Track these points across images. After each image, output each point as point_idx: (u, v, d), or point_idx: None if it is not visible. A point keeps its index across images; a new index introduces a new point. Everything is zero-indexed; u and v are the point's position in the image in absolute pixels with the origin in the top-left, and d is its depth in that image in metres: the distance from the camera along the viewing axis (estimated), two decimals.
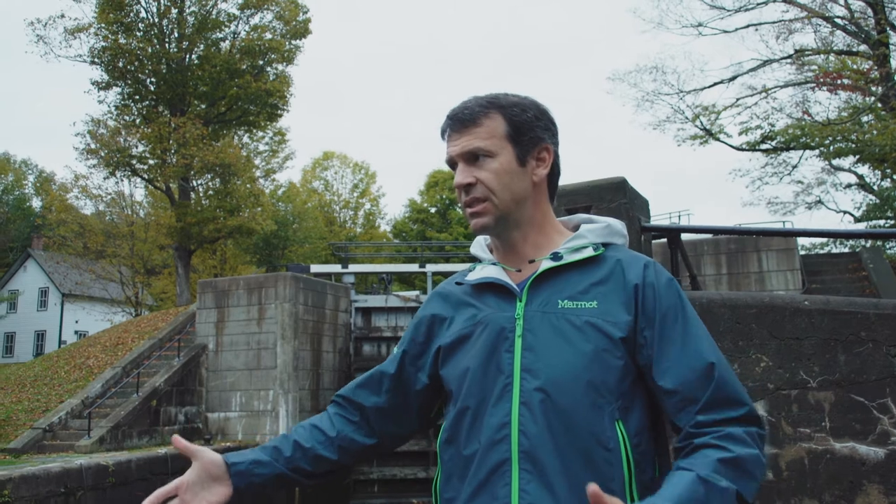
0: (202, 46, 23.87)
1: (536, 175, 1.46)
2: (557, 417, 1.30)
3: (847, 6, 17.57)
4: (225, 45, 24.45)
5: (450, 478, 1.39)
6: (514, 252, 1.48)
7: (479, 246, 1.57)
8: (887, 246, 25.79)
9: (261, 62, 24.63)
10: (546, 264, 1.42)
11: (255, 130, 27.88)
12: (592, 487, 1.10)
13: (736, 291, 9.54)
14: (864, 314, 3.35)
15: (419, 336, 1.55)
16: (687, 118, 19.41)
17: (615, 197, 3.77)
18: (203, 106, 24.67)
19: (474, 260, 1.58)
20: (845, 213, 30.47)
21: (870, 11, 16.76)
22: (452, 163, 1.47)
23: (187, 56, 23.82)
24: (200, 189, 26.35)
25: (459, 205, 1.51)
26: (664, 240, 4.57)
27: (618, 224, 1.52)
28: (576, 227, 1.53)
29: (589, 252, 1.43)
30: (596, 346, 1.33)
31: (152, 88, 23.70)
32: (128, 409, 14.37)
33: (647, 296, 1.38)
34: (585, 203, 3.85)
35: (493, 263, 1.49)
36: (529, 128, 1.44)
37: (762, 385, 3.46)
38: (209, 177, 24.88)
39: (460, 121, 1.45)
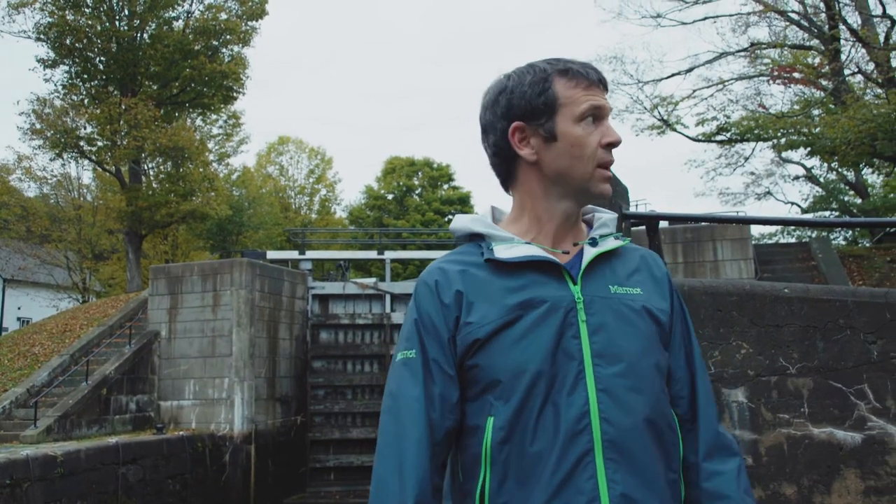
0: (154, 25, 23.13)
1: None
2: (638, 402, 1.28)
3: (801, 1, 17.97)
4: (178, 24, 23.75)
5: (505, 480, 1.27)
6: (567, 231, 1.42)
7: (484, 223, 1.43)
8: (832, 236, 26.63)
9: (215, 43, 24.00)
10: (594, 249, 1.39)
11: (208, 113, 27.21)
12: None
13: (716, 279, 9.70)
14: (843, 302, 3.40)
15: (447, 327, 1.34)
16: (645, 108, 19.66)
17: None
18: (155, 87, 23.94)
19: (431, 248, 1.49)
20: (793, 204, 31.36)
21: (822, 6, 17.16)
22: (594, 114, 1.37)
23: (138, 35, 23.06)
24: (152, 172, 25.65)
25: (590, 163, 1.37)
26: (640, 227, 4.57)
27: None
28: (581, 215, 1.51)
29: (620, 242, 1.43)
30: (653, 330, 1.35)
31: (101, 67, 22.89)
32: (76, 397, 13.94)
33: (673, 291, 1.46)
34: None
35: (527, 243, 1.39)
36: None
37: (742, 372, 3.50)
38: (161, 160, 24.22)
39: (603, 81, 1.42)
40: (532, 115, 1.37)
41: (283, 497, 16.56)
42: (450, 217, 39.28)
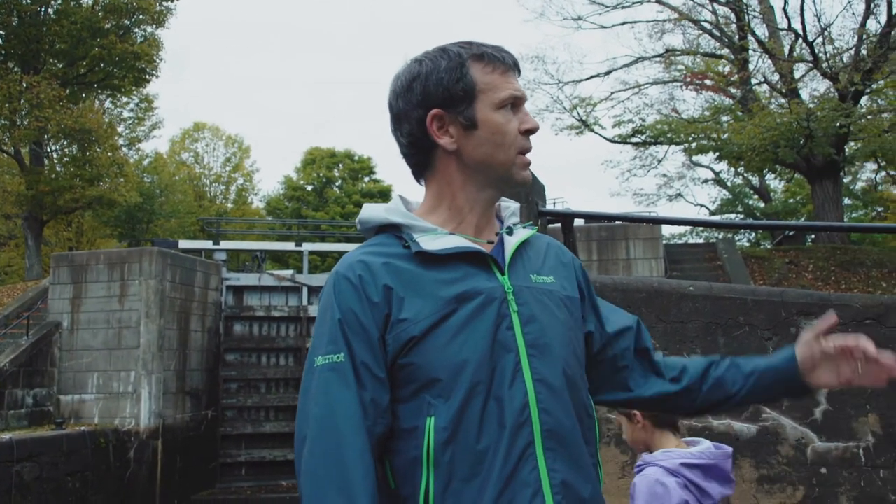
0: (60, 0, 21.97)
1: None
2: (567, 391, 1.29)
3: (713, 11, 18.72)
4: (87, 0, 22.63)
5: (450, 481, 1.20)
6: (488, 221, 1.41)
7: (402, 213, 1.37)
8: (737, 238, 27.93)
9: (127, 22, 22.97)
10: (514, 239, 1.38)
11: (119, 95, 26.06)
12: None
13: (627, 276, 10.02)
14: (742, 300, 3.56)
15: (376, 326, 1.25)
16: (565, 108, 20.05)
17: None
18: (60, 65, 22.72)
19: (350, 240, 1.43)
20: (701, 206, 32.70)
21: (733, 17, 17.93)
22: (516, 101, 1.36)
23: (42, 9, 21.82)
24: (56, 155, 24.39)
25: (510, 149, 1.36)
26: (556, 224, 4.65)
27: None
28: None
29: (530, 231, 1.43)
30: (571, 318, 1.37)
31: (1, 42, 21.58)
32: None
33: (580, 274, 1.49)
34: None
35: (451, 234, 1.34)
36: None
37: None
38: (66, 142, 23.04)
39: (517, 64, 1.39)
40: (450, 102, 1.33)
41: (191, 493, 16.09)
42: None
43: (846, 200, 26.87)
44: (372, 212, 1.40)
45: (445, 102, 1.34)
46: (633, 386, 1.48)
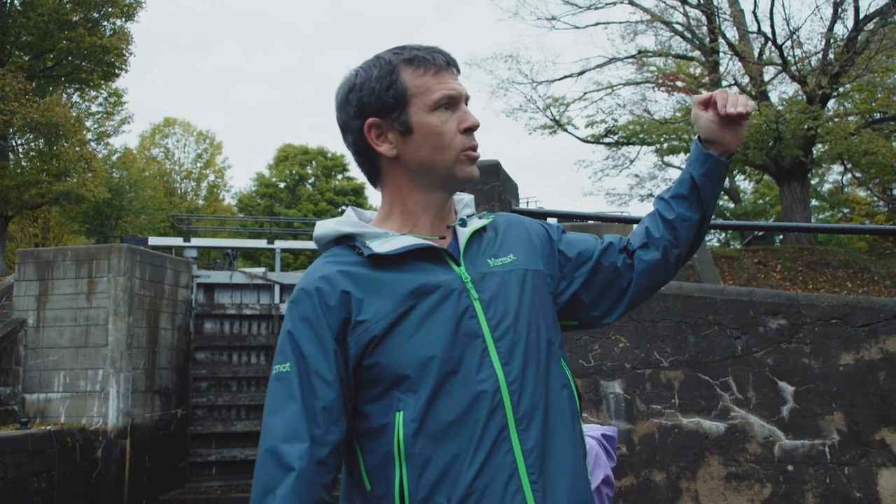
0: None
1: None
2: (534, 371, 1.29)
3: (685, 14, 18.91)
4: None
5: (423, 473, 1.21)
6: (442, 220, 1.42)
7: (353, 223, 1.40)
8: (707, 238, 28.29)
9: (96, 15, 22.58)
10: (466, 229, 1.41)
11: (87, 89, 25.61)
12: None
13: None
14: (712, 299, 3.60)
15: (331, 330, 1.27)
16: (538, 108, 20.12)
17: (489, 179, 3.78)
18: (26, 58, 22.28)
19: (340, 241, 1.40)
20: None
21: (704, 20, 18.14)
22: (451, 100, 1.36)
23: (8, 1, 21.40)
24: (21, 149, 23.91)
25: (455, 146, 1.37)
26: None
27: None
28: None
29: (485, 220, 1.46)
30: (537, 293, 1.38)
31: None
32: None
33: (540, 238, 1.49)
34: None
35: (403, 235, 1.36)
36: None
37: (620, 364, 3.64)
38: (32, 136, 22.59)
39: (453, 63, 1.39)
40: (384, 109, 1.35)
41: (160, 493, 15.90)
42: (343, 208, 38.85)
43: (813, 202, 27.36)
44: (324, 227, 1.43)
45: (380, 110, 1.36)
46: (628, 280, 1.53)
